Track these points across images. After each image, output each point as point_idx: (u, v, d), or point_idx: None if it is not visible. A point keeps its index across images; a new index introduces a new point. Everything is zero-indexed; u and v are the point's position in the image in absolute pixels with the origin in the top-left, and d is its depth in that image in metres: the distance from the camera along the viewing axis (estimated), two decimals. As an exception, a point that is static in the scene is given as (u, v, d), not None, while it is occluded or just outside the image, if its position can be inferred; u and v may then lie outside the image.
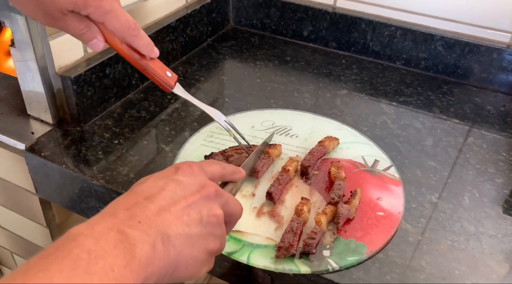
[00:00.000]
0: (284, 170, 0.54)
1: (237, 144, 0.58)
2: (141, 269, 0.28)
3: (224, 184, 0.44)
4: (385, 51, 0.83)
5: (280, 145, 0.59)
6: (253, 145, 0.59)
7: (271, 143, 0.60)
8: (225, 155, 0.57)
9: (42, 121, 0.63)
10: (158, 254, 0.30)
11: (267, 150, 0.57)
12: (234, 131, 0.55)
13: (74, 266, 0.26)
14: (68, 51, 0.60)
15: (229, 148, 0.59)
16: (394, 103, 0.73)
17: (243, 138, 0.57)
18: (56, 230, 0.70)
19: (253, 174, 0.55)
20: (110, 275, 0.26)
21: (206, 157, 0.57)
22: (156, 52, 0.48)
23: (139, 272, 0.28)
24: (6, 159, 0.62)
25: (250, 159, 0.53)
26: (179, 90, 0.51)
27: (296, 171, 0.56)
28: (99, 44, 0.45)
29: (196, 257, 0.34)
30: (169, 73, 0.50)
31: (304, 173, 0.56)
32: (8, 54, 0.90)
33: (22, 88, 0.62)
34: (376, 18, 0.82)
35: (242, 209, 0.41)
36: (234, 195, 0.45)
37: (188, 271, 0.33)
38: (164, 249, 0.31)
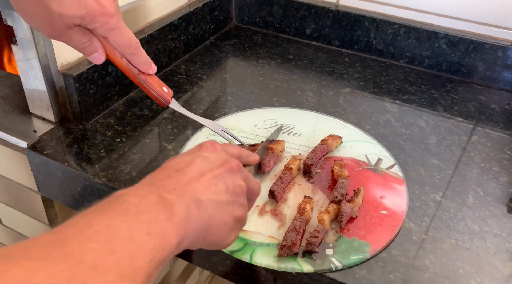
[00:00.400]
0: (287, 168, 0.54)
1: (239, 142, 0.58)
2: (180, 225, 0.31)
3: None
4: (389, 49, 0.83)
5: (283, 141, 0.59)
6: (253, 144, 0.59)
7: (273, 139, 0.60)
8: None
9: (44, 119, 0.63)
10: (193, 215, 0.33)
11: (270, 145, 0.57)
12: (233, 140, 0.56)
13: (124, 216, 0.29)
14: (70, 49, 0.59)
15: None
16: (397, 101, 0.72)
17: (242, 144, 0.57)
18: (58, 228, 0.70)
19: (259, 169, 0.55)
20: (155, 225, 0.29)
21: None
22: (153, 69, 0.50)
23: (179, 228, 0.31)
24: (9, 157, 0.62)
25: (259, 150, 0.53)
26: (175, 105, 0.53)
27: (299, 170, 0.56)
28: (100, 58, 0.46)
29: (226, 222, 0.37)
30: (165, 89, 0.51)
31: (307, 171, 0.56)
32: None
33: (24, 86, 0.61)
34: (380, 16, 0.81)
35: (260, 187, 0.43)
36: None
37: (219, 235, 0.36)
38: (198, 211, 0.34)
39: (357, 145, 0.61)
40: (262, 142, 0.58)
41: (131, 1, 0.68)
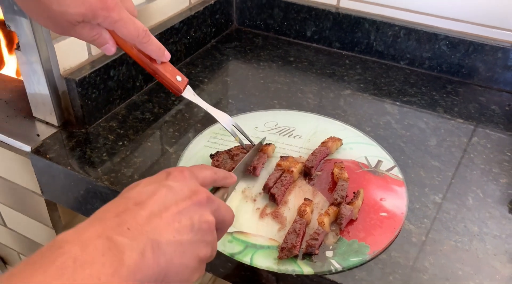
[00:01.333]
0: (288, 171, 0.54)
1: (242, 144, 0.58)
2: (129, 277, 0.28)
3: (215, 189, 0.43)
4: (389, 51, 0.83)
5: (273, 144, 0.59)
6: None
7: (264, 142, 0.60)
8: (230, 154, 0.57)
9: (47, 123, 0.64)
10: (147, 261, 0.29)
11: (261, 148, 0.58)
12: (239, 136, 0.56)
13: (59, 275, 0.25)
14: (72, 53, 0.61)
15: (234, 147, 0.59)
16: (397, 103, 0.73)
17: (250, 141, 0.57)
18: (62, 230, 0.70)
19: (251, 172, 0.55)
20: (97, 283, 0.26)
21: (211, 156, 0.57)
22: (167, 56, 0.49)
23: (127, 280, 0.28)
24: (12, 161, 0.63)
25: (242, 163, 0.53)
26: (188, 93, 0.52)
27: (300, 173, 0.56)
28: (111, 49, 0.46)
29: (187, 265, 0.33)
30: (179, 78, 0.51)
31: (307, 173, 0.56)
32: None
33: (27, 90, 0.62)
34: (380, 18, 0.82)
35: (233, 216, 0.40)
36: (225, 200, 0.45)
37: (178, 279, 0.32)
38: (153, 256, 0.30)
39: (357, 147, 0.61)
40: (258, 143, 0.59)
41: (132, 5, 0.68)
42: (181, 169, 0.38)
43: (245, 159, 0.53)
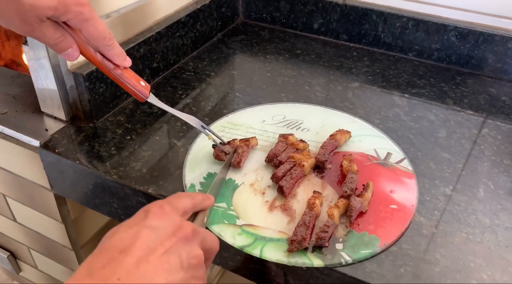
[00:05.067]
0: (299, 164, 0.54)
1: (248, 137, 0.58)
2: None
3: (194, 214, 0.42)
4: (397, 43, 0.82)
5: (255, 137, 0.59)
6: (231, 141, 0.58)
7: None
8: (233, 144, 0.57)
9: (55, 118, 0.64)
10: None
11: (247, 140, 0.57)
12: (212, 135, 0.55)
13: None
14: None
15: (239, 139, 0.58)
16: (406, 95, 0.72)
17: (221, 140, 0.56)
18: (71, 225, 0.71)
19: (234, 165, 0.55)
20: None
21: (214, 146, 0.56)
22: (128, 61, 0.48)
23: None
24: (22, 156, 0.63)
25: (216, 183, 0.51)
26: (153, 99, 0.51)
27: (312, 167, 0.56)
28: (74, 54, 0.44)
29: None
30: (142, 83, 0.50)
31: (320, 167, 0.55)
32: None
33: (35, 86, 0.62)
34: (387, 9, 0.81)
35: (218, 242, 0.39)
36: (206, 223, 0.44)
37: None
38: None
39: (366, 139, 0.61)
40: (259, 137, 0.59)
41: (138, -1, 0.68)
42: (159, 204, 0.36)
43: (219, 176, 0.52)
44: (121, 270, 0.30)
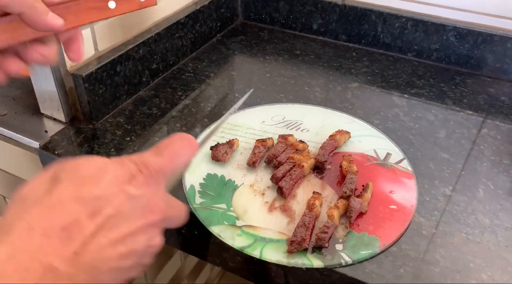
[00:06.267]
0: (299, 165, 0.54)
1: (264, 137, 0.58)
2: None
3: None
4: (396, 43, 0.83)
5: (272, 138, 0.59)
6: (262, 140, 0.59)
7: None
8: (230, 144, 0.57)
9: (55, 119, 0.64)
10: None
11: (229, 141, 0.58)
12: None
13: None
14: (79, 49, 0.61)
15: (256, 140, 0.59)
16: (406, 95, 0.72)
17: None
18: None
19: (251, 165, 0.55)
20: None
21: (211, 148, 0.57)
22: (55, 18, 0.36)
23: None
24: (21, 157, 0.63)
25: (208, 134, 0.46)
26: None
27: (311, 168, 0.56)
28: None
29: (115, 281, 0.29)
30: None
31: (319, 168, 0.56)
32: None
33: (35, 87, 0.62)
34: (386, 10, 0.81)
35: (185, 216, 0.36)
36: (188, 167, 0.42)
37: None
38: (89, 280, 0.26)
39: (366, 140, 0.61)
40: (268, 138, 0.59)
41: (138, 0, 0.68)
42: (152, 170, 0.32)
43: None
44: (80, 238, 0.26)
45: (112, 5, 0.40)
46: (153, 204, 0.31)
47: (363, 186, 0.52)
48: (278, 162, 0.55)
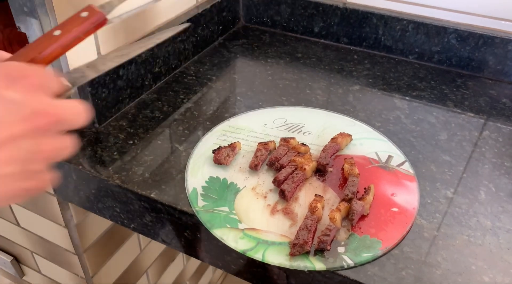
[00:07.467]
0: (301, 168, 0.54)
1: (266, 140, 0.58)
2: None
3: None
4: (397, 46, 0.83)
5: (274, 141, 0.59)
6: (264, 143, 0.59)
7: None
8: (232, 147, 0.58)
9: (58, 123, 0.65)
10: None
11: (231, 144, 0.58)
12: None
13: None
14: (81, 53, 0.61)
15: (258, 143, 0.59)
16: (407, 98, 0.72)
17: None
18: (74, 229, 0.71)
19: (253, 168, 0.55)
20: None
21: (214, 151, 0.57)
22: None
23: None
24: (25, 161, 0.63)
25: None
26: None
27: (313, 171, 0.56)
28: None
29: (6, 194, 0.29)
30: (83, 14, 0.38)
31: (321, 171, 0.56)
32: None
33: (38, 91, 0.63)
34: (388, 12, 0.81)
35: (84, 116, 0.32)
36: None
37: None
38: None
39: (367, 143, 0.61)
40: (271, 141, 0.59)
41: (140, 4, 0.68)
42: (35, 77, 0.29)
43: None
44: None
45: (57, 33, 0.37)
46: (37, 108, 0.29)
47: (365, 188, 0.52)
48: (280, 164, 0.55)
